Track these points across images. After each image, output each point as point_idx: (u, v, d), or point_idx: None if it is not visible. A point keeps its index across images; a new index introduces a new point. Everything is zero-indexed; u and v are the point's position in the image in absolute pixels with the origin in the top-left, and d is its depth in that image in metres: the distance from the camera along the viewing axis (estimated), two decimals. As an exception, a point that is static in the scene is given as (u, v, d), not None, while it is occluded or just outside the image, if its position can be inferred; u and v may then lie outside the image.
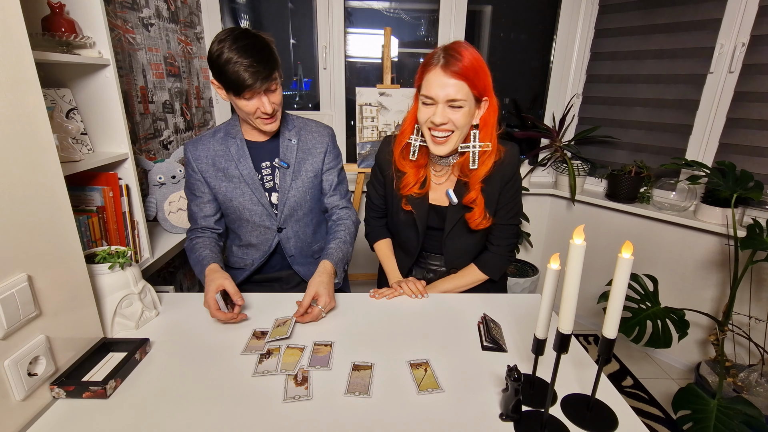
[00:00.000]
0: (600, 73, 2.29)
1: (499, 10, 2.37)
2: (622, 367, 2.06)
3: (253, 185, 1.22)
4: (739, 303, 1.78)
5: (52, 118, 1.06)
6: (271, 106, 1.10)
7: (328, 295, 1.07)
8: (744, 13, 1.76)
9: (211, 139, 1.23)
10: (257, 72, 1.02)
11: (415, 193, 1.16)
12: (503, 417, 0.75)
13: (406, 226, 1.24)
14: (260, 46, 1.05)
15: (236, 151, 1.21)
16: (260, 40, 1.06)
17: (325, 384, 0.82)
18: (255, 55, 1.03)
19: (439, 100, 0.99)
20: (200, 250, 1.20)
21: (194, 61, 2.12)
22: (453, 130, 1.02)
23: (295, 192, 1.26)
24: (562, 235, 2.48)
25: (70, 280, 0.83)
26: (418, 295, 1.16)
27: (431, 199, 1.19)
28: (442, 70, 0.97)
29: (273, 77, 1.07)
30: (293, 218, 1.29)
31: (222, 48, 1.02)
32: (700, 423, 1.31)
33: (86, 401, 0.77)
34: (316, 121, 1.33)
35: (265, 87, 1.06)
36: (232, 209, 1.26)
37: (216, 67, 1.04)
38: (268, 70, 1.05)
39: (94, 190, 1.21)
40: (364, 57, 2.41)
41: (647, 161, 2.13)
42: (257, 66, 1.02)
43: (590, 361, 0.92)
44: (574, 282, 0.64)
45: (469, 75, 0.97)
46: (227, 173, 1.22)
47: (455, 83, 0.97)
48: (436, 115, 1.00)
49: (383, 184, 1.28)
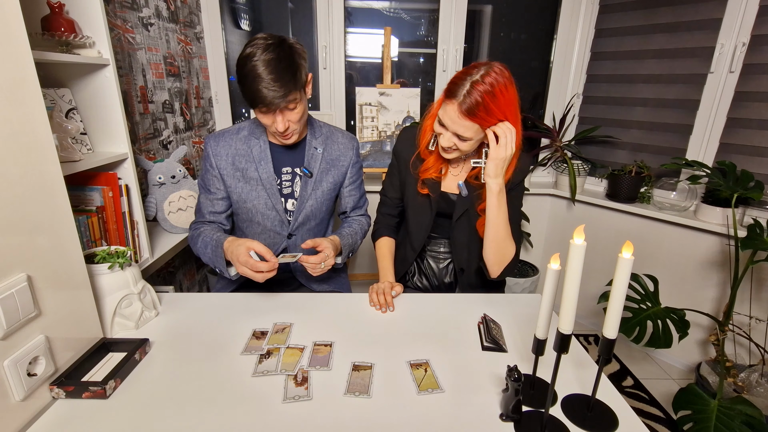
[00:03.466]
0: (600, 73, 2.28)
1: (499, 10, 2.37)
2: (622, 367, 2.06)
3: (270, 190, 1.20)
4: (740, 303, 1.77)
5: (51, 118, 1.06)
6: (285, 125, 1.07)
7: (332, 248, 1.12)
8: (744, 13, 1.76)
9: (235, 137, 1.20)
10: (274, 92, 0.99)
11: (434, 177, 1.19)
12: (503, 417, 0.74)
13: (419, 211, 1.25)
14: (287, 63, 1.01)
15: (258, 153, 1.19)
16: (290, 56, 1.02)
17: (325, 384, 0.82)
18: (277, 72, 0.99)
19: (449, 130, 1.03)
20: (210, 234, 1.16)
21: (194, 60, 2.12)
22: (458, 149, 1.07)
23: (313, 201, 1.25)
24: (562, 235, 2.48)
25: (69, 280, 0.83)
26: (383, 309, 1.11)
27: (443, 186, 1.22)
28: (458, 109, 0.98)
29: (291, 98, 1.03)
30: (306, 227, 1.28)
31: (249, 55, 0.99)
32: (701, 423, 1.31)
33: (86, 401, 0.77)
34: (342, 130, 1.32)
35: (283, 106, 1.03)
36: (245, 210, 1.24)
37: (239, 72, 1.02)
38: (287, 90, 1.00)
39: (93, 190, 1.21)
40: (364, 57, 2.41)
41: (647, 161, 2.13)
42: (275, 85, 0.98)
43: (590, 362, 0.92)
44: (574, 282, 0.64)
45: (482, 121, 0.99)
46: (246, 174, 1.20)
47: (466, 124, 0.99)
48: (444, 139, 1.05)
49: (399, 171, 1.28)
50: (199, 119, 2.19)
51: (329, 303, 1.14)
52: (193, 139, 2.11)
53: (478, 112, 0.96)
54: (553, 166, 2.45)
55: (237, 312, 1.08)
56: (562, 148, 2.33)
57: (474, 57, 2.44)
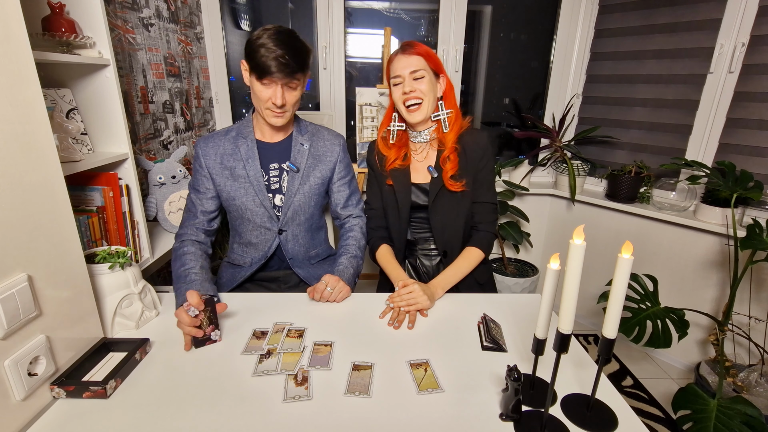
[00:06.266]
0: (600, 73, 2.29)
1: (499, 10, 2.37)
2: (622, 367, 2.06)
3: (257, 187, 1.23)
4: (739, 303, 1.78)
5: (52, 118, 1.06)
6: (282, 100, 1.12)
7: (337, 280, 1.14)
8: (744, 13, 1.76)
9: (223, 138, 1.25)
10: (285, 64, 1.06)
11: (399, 166, 1.30)
12: (503, 417, 0.75)
13: (391, 204, 1.33)
14: (298, 46, 1.10)
15: (246, 152, 1.23)
16: (301, 42, 1.11)
17: (325, 384, 0.82)
18: (290, 50, 1.07)
19: (405, 75, 1.19)
20: (190, 263, 1.12)
21: (194, 61, 2.12)
22: (421, 98, 1.20)
23: (300, 196, 1.27)
24: (562, 235, 2.48)
25: (70, 280, 0.83)
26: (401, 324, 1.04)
27: (414, 178, 1.31)
28: (402, 53, 1.20)
29: (297, 76, 1.11)
30: (295, 222, 1.30)
31: (263, 34, 1.07)
32: (700, 423, 1.31)
33: (86, 401, 0.77)
34: (328, 128, 1.36)
35: (286, 81, 1.10)
36: (234, 208, 1.26)
37: (250, 47, 1.08)
38: (296, 66, 1.08)
39: (94, 190, 1.21)
40: (364, 57, 2.41)
41: (647, 161, 2.13)
42: (287, 59, 1.06)
43: (590, 361, 0.92)
44: (574, 282, 0.64)
45: (423, 53, 1.20)
46: (234, 172, 1.23)
47: (413, 58, 1.19)
48: (405, 85, 1.20)
49: (375, 178, 1.38)
50: (200, 119, 2.19)
51: (329, 303, 1.14)
52: (194, 140, 2.11)
53: (416, 48, 1.20)
54: (553, 167, 2.46)
55: (237, 312, 1.08)
56: (561, 148, 2.33)
57: (474, 57, 2.45)
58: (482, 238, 1.29)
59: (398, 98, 1.22)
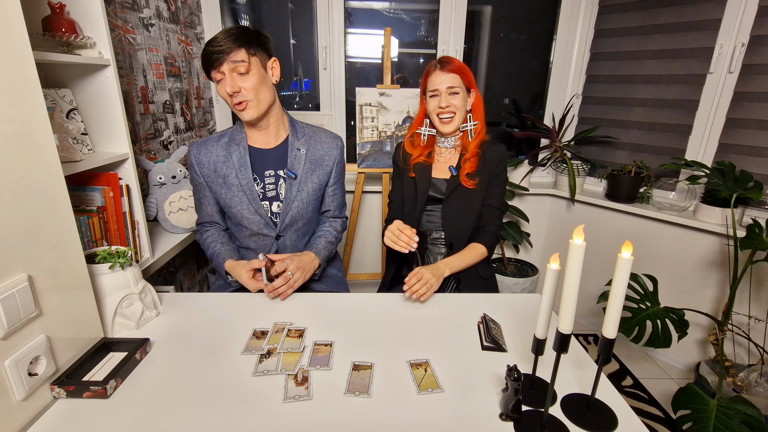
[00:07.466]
0: (600, 73, 2.29)
1: (499, 10, 2.37)
2: (621, 366, 2.06)
3: (251, 196, 1.22)
4: (739, 303, 1.78)
5: (52, 118, 1.06)
6: (233, 87, 1.09)
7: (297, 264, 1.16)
8: (744, 13, 1.76)
9: (216, 144, 1.24)
10: (220, 47, 1.04)
11: (423, 161, 1.40)
12: (503, 417, 0.75)
13: (410, 195, 1.40)
14: (238, 29, 1.07)
15: (238, 159, 1.21)
16: (244, 27, 1.09)
17: (325, 384, 0.83)
18: (225, 33, 1.05)
19: (442, 90, 1.30)
20: (213, 245, 1.27)
21: (194, 61, 2.12)
22: (454, 112, 1.31)
23: (298, 203, 1.26)
24: (562, 235, 2.48)
25: (70, 280, 0.84)
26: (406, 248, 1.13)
27: (434, 174, 1.40)
28: (441, 70, 1.31)
29: (239, 56, 1.07)
30: (293, 227, 1.30)
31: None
32: (700, 423, 1.31)
33: (86, 401, 0.77)
34: (326, 130, 1.34)
35: (231, 66, 1.07)
36: (231, 215, 1.27)
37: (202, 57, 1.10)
38: (233, 43, 1.05)
39: (94, 190, 1.21)
40: (364, 57, 2.41)
41: (647, 161, 2.13)
42: (222, 41, 1.04)
43: (590, 361, 0.92)
44: (574, 282, 0.64)
45: (458, 70, 1.31)
46: (227, 180, 1.22)
47: (451, 75, 1.30)
48: (441, 100, 1.31)
49: (398, 174, 1.47)
50: (200, 119, 2.19)
51: (329, 303, 1.14)
52: (194, 140, 2.11)
53: (453, 66, 1.30)
54: (553, 167, 2.46)
55: (237, 312, 1.08)
56: (561, 148, 2.33)
57: (474, 57, 2.45)
58: (487, 238, 1.37)
59: (433, 109, 1.33)
